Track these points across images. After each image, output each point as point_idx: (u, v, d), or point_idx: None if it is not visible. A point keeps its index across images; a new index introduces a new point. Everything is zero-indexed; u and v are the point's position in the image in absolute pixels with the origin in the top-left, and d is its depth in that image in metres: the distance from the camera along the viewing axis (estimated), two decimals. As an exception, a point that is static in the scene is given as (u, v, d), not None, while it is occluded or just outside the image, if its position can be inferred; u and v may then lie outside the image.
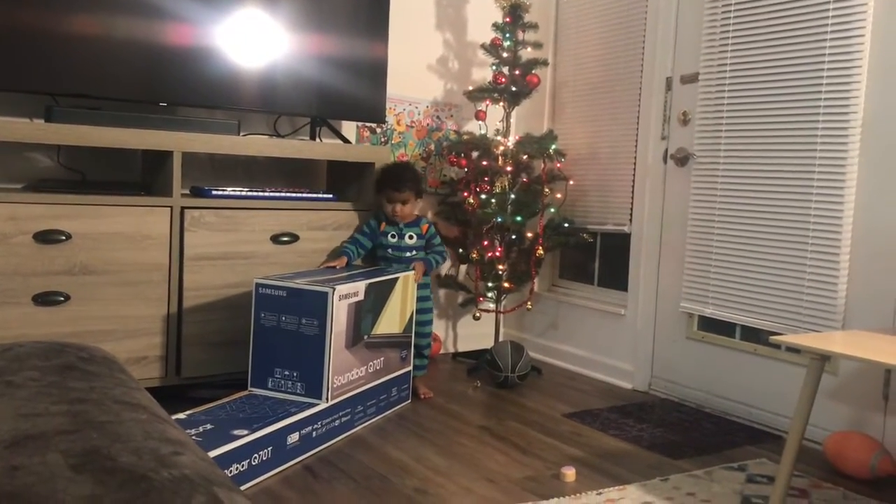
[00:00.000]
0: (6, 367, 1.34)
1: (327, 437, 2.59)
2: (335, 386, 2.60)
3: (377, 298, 2.83)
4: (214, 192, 2.99)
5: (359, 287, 2.70)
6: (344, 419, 2.68)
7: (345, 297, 2.62)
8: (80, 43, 2.77)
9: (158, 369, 2.84)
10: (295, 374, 2.61)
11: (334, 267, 3.05)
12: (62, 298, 2.66)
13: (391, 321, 2.94)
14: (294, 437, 2.42)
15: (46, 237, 2.62)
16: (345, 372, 2.66)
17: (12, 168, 2.98)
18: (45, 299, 2.63)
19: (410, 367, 3.11)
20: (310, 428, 2.49)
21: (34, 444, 0.99)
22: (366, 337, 2.77)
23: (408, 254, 3.20)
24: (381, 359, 2.88)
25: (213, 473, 1.01)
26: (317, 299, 2.57)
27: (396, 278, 2.95)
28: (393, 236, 3.20)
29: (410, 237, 3.21)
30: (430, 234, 3.27)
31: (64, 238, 2.65)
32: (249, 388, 2.66)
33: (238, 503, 0.94)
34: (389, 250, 3.20)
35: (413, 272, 3.09)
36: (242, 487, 2.19)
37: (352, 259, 3.13)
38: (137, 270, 2.78)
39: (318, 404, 2.54)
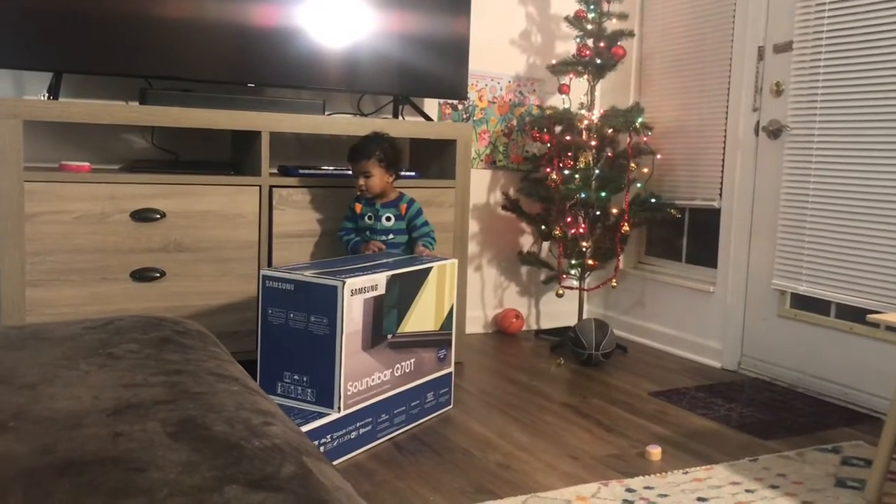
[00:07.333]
0: (108, 339, 1.41)
1: (340, 452, 2.28)
2: (349, 393, 2.29)
3: (404, 292, 2.49)
4: (301, 171, 3.05)
5: (378, 279, 2.36)
6: (363, 430, 2.37)
7: (359, 291, 2.29)
8: (173, 27, 2.85)
9: (249, 343, 2.92)
10: (305, 379, 2.31)
11: (374, 251, 2.85)
12: (158, 275, 2.77)
13: (423, 317, 2.59)
14: None
15: (143, 216, 2.72)
16: (363, 377, 2.34)
17: (110, 149, 3.10)
18: (142, 275, 2.74)
19: (451, 369, 2.77)
20: (315, 443, 2.16)
21: (135, 413, 1.03)
22: (390, 336, 2.44)
23: (384, 237, 2.92)
24: (412, 360, 2.55)
25: (303, 444, 1.04)
26: (325, 294, 2.25)
27: (430, 268, 2.60)
28: (370, 217, 2.93)
29: (388, 218, 2.92)
30: (410, 214, 2.94)
31: (159, 216, 2.75)
32: None
33: (326, 473, 0.96)
34: (367, 233, 2.94)
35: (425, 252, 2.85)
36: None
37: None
38: (229, 248, 2.87)
39: (328, 414, 2.25)
